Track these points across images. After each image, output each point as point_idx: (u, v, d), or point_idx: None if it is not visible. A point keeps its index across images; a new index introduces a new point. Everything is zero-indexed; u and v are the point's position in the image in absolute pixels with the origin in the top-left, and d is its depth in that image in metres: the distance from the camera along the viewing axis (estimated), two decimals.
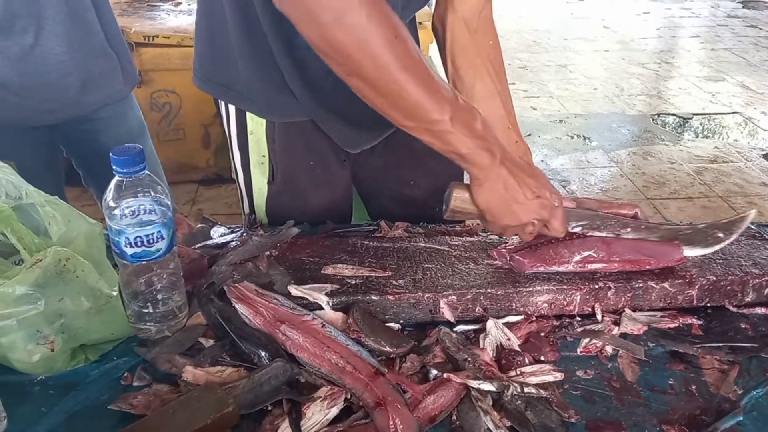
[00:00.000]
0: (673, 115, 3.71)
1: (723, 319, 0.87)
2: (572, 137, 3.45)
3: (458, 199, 0.85)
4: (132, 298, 0.75)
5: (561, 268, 0.87)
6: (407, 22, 1.02)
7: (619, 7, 6.26)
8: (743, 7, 6.27)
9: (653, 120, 3.71)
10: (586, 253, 0.87)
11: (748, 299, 0.89)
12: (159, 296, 0.75)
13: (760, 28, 5.60)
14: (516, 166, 0.82)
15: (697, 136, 3.54)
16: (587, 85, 4.25)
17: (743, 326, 0.85)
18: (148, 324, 0.76)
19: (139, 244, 0.70)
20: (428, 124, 0.75)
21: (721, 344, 0.81)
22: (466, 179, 0.92)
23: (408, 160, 1.12)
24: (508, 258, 0.89)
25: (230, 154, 1.08)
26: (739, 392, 0.74)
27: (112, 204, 0.70)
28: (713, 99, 3.99)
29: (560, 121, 3.67)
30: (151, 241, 0.71)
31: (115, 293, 0.73)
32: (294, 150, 1.04)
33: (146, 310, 0.75)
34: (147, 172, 0.70)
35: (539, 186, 0.83)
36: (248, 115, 1.01)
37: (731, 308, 0.88)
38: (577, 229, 0.89)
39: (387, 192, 1.17)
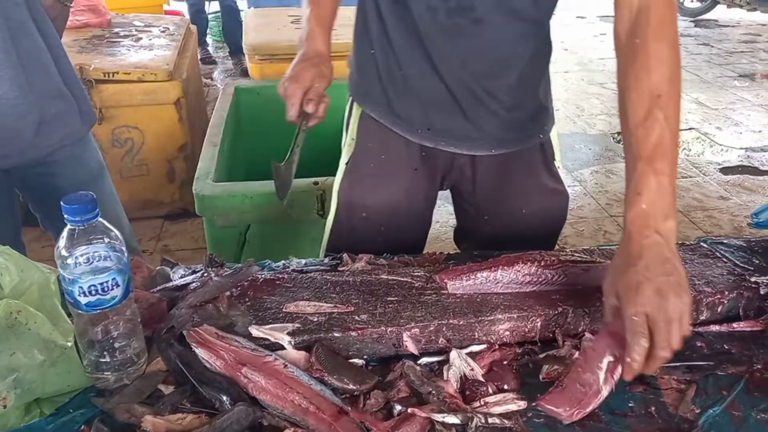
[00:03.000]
0: None
1: None
2: None
3: None
4: (88, 347, 0.74)
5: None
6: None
7: (577, 29, 6.45)
8: (695, 26, 6.53)
9: (614, 138, 3.81)
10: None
11: (702, 317, 0.91)
12: (116, 344, 0.74)
13: (712, 46, 5.82)
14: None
15: None
16: None
17: (699, 345, 0.88)
18: (106, 373, 0.75)
19: (93, 292, 0.69)
20: None
21: (678, 363, 0.83)
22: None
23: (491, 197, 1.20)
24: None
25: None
26: (697, 411, 0.76)
27: (64, 253, 0.68)
28: None
29: None
30: (106, 289, 0.70)
31: (69, 344, 0.72)
32: (371, 139, 1.16)
33: (103, 359, 0.74)
34: (100, 219, 0.70)
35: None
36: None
37: None
38: None
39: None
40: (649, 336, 0.72)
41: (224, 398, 0.72)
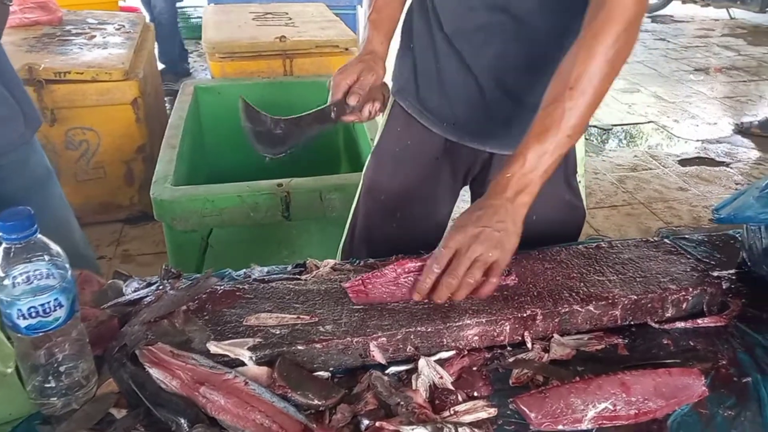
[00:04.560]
0: (595, 126, 3.87)
1: (646, 336, 0.89)
2: None
3: None
4: (31, 372, 0.69)
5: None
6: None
7: None
8: (652, 21, 6.66)
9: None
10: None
11: (668, 315, 0.91)
12: (62, 368, 0.69)
13: (668, 41, 5.96)
14: None
15: (617, 147, 3.70)
16: None
17: (665, 342, 0.87)
18: (52, 398, 0.70)
19: (33, 314, 0.64)
20: None
21: (645, 362, 0.83)
22: None
23: None
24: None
25: None
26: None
27: (0, 273, 0.64)
28: (630, 110, 4.20)
29: None
30: (48, 310, 0.65)
31: (10, 370, 0.67)
32: (399, 124, 1.20)
33: (48, 384, 0.69)
34: (39, 235, 0.65)
35: None
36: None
37: (653, 325, 0.90)
38: None
39: None
40: (444, 266, 0.82)
41: (182, 420, 0.68)
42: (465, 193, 1.29)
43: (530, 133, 0.89)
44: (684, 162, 3.46)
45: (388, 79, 1.19)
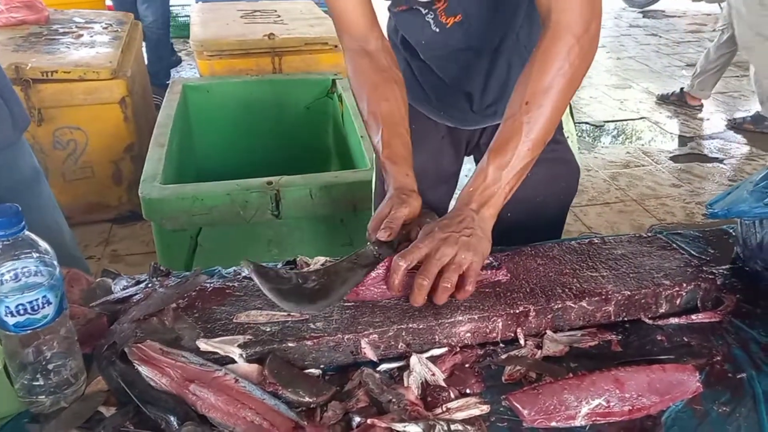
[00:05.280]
0: (586, 123, 3.88)
1: (640, 332, 0.88)
2: None
3: None
4: (19, 369, 0.68)
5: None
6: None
7: None
8: (643, 17, 6.70)
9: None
10: None
11: (662, 310, 0.91)
12: (50, 365, 0.68)
13: (660, 36, 5.98)
14: None
15: (610, 143, 3.71)
16: None
17: (659, 338, 0.87)
18: (41, 397, 0.69)
19: (21, 312, 0.64)
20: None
21: (639, 358, 0.83)
22: None
23: None
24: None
25: None
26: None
27: None
28: (622, 106, 4.21)
29: None
30: (36, 307, 0.64)
31: None
32: None
33: (37, 383, 0.68)
34: (27, 232, 0.64)
35: None
36: None
37: (647, 321, 0.90)
38: None
39: None
40: (409, 261, 0.84)
41: (171, 418, 0.67)
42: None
43: (491, 148, 0.91)
44: (677, 158, 3.47)
45: None
